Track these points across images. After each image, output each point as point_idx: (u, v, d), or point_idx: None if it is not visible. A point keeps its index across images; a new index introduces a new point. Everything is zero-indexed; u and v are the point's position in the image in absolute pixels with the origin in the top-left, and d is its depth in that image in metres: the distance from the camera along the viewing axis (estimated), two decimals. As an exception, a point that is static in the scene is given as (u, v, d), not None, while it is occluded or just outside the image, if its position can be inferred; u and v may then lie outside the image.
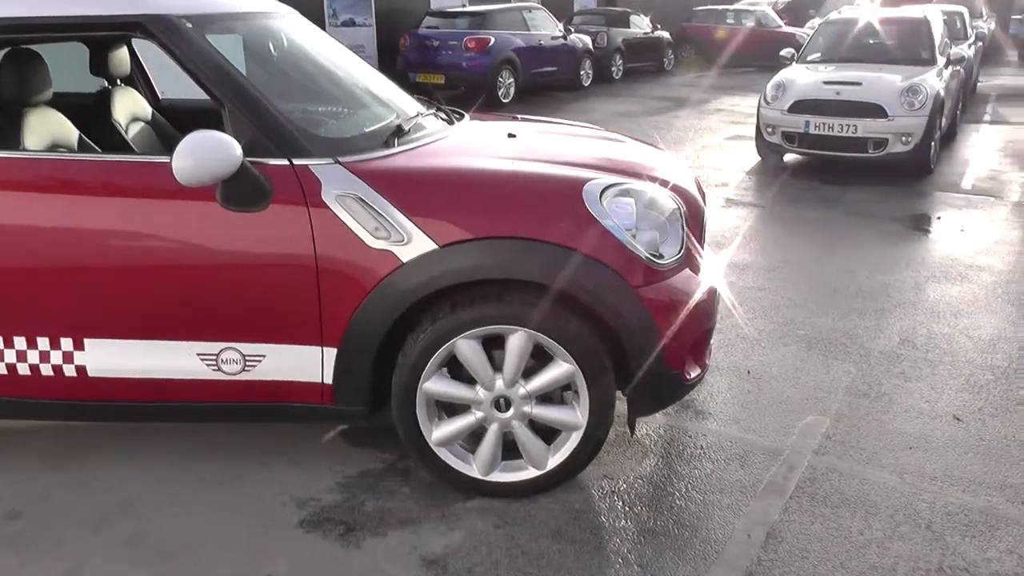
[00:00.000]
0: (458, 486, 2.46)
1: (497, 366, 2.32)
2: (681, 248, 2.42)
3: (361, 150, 2.37)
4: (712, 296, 2.52)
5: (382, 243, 2.22)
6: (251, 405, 2.46)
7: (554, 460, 2.41)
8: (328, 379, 2.38)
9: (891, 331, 3.73)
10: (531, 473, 2.42)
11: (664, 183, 2.54)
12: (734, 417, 2.95)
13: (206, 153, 2.12)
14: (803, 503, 2.44)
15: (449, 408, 2.45)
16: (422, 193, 2.27)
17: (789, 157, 7.47)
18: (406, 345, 2.33)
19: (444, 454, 2.41)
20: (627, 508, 2.42)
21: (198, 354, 2.37)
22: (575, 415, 2.36)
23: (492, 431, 2.38)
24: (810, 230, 5.52)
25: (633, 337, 2.28)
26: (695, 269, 2.52)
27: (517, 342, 2.27)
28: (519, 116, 3.63)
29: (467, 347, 2.28)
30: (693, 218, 2.56)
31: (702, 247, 2.61)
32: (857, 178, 6.89)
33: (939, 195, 6.45)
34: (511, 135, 2.85)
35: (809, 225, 5.64)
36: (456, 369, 2.39)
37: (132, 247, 2.30)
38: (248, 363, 2.39)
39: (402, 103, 2.93)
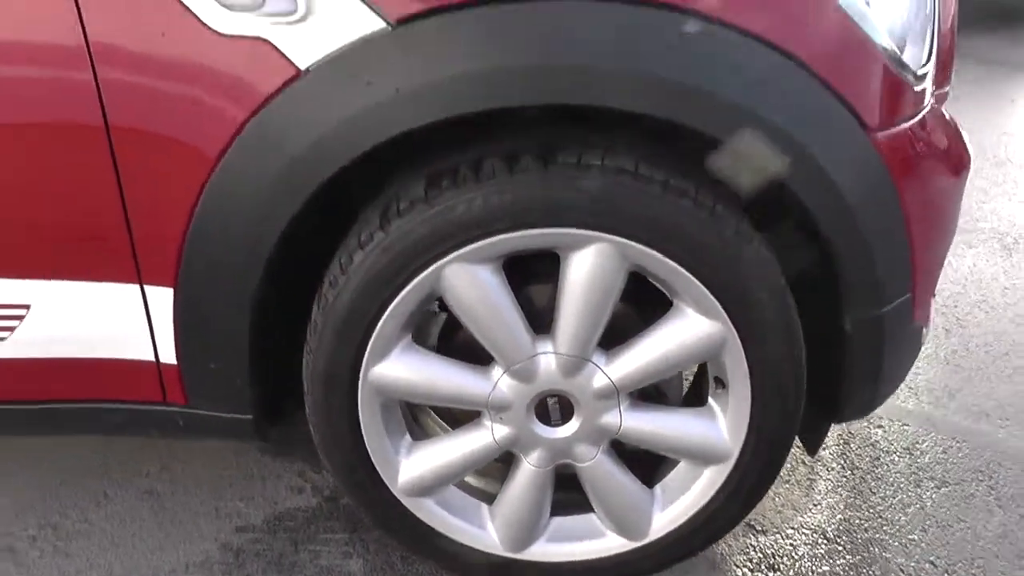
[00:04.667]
0: (460, 570, 1.20)
1: (540, 320, 1.01)
2: (932, 47, 1.06)
3: None
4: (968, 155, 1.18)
5: (244, 19, 0.85)
6: (18, 408, 1.17)
7: (665, 519, 1.13)
8: (168, 355, 1.07)
9: None
10: (612, 544, 1.14)
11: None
12: (946, 389, 1.66)
13: None
14: None
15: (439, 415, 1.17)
16: None
17: None
18: (327, 277, 1.00)
19: (426, 511, 1.12)
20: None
21: None
22: (715, 430, 1.06)
23: (529, 469, 1.09)
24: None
25: (861, 251, 0.95)
26: (944, 97, 1.18)
27: (593, 267, 0.94)
28: None
29: (469, 280, 0.95)
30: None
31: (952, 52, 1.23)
32: (969, 19, 5.36)
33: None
34: None
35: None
36: (450, 331, 1.09)
37: None
38: (1, 320, 1.08)
39: None
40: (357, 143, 0.87)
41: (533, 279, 1.02)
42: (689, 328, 0.98)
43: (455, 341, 1.08)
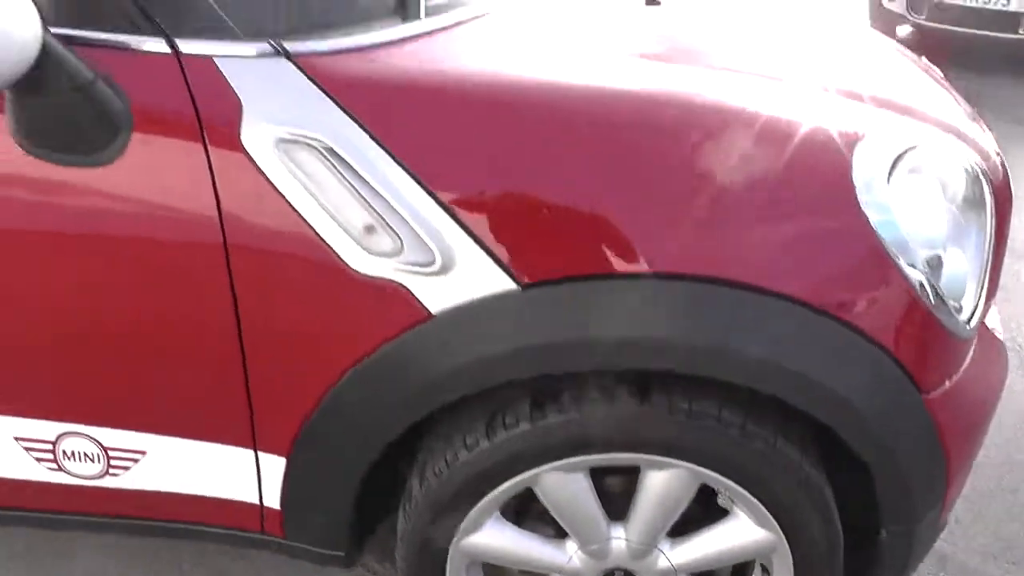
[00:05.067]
0: None
1: (614, 502, 1.13)
2: (984, 282, 1.15)
3: (339, 26, 1.03)
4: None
5: (382, 264, 0.96)
6: (134, 523, 1.29)
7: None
8: (272, 501, 1.19)
9: None
10: None
11: (950, 129, 1.22)
12: (958, 523, 1.75)
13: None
14: None
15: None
16: (486, 147, 0.97)
17: (903, 32, 5.84)
18: (429, 464, 1.12)
19: (494, 644, 1.27)
20: None
21: (16, 439, 1.17)
22: (758, 607, 1.21)
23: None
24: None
25: (899, 485, 1.07)
26: (987, 316, 1.28)
27: (669, 484, 1.06)
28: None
29: (561, 484, 1.08)
30: (1000, 207, 1.26)
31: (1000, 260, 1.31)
32: (997, 67, 5.31)
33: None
34: (653, 1, 1.47)
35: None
36: (527, 503, 1.21)
37: None
38: (115, 462, 1.19)
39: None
40: (473, 383, 0.98)
41: (611, 470, 1.14)
42: (745, 533, 1.10)
43: (532, 508, 1.20)
